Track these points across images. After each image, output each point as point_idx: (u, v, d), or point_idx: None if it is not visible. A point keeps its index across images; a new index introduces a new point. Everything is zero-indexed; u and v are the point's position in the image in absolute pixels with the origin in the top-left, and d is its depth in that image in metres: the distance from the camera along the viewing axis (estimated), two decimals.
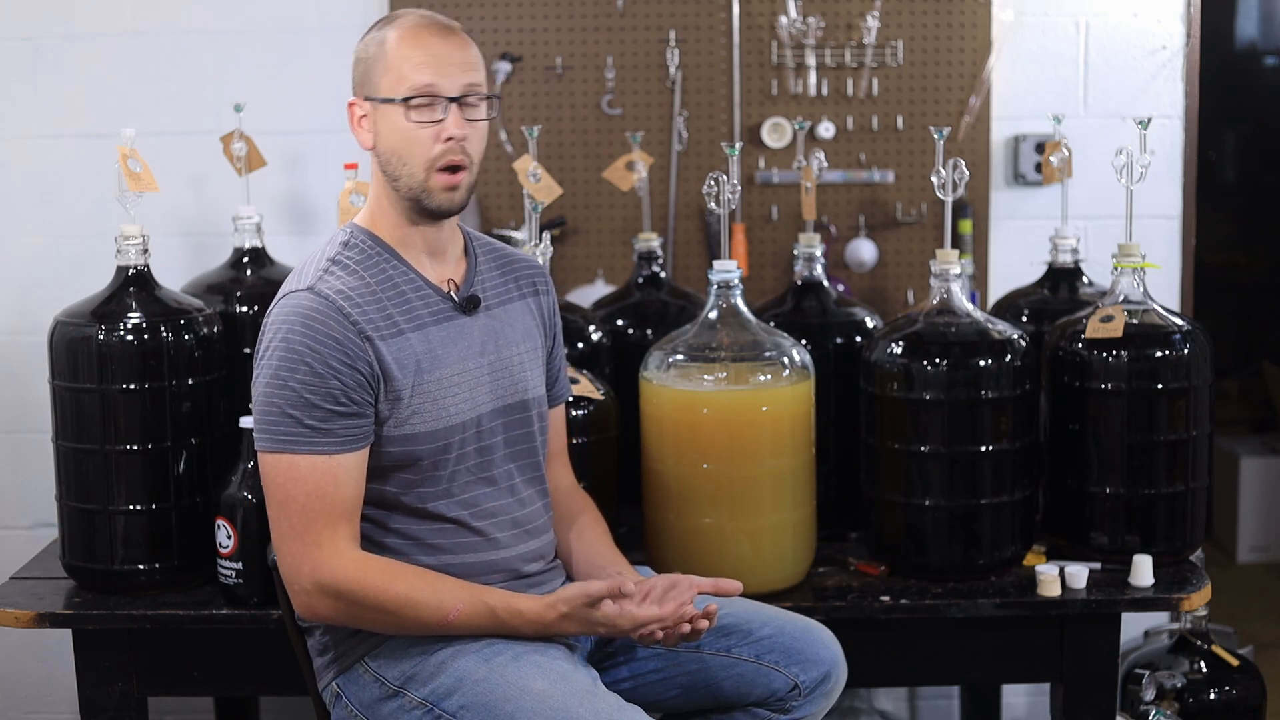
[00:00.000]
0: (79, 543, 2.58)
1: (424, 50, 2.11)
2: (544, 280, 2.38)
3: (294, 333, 2.08)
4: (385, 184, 2.18)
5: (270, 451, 2.09)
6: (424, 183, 2.13)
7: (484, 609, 2.11)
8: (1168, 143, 3.34)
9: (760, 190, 3.33)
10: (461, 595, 2.11)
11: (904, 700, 3.51)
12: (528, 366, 2.29)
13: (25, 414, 3.35)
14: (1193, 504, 2.66)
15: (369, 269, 2.16)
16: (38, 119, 3.30)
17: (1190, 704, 2.99)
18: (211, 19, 3.27)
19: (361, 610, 2.09)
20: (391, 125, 2.13)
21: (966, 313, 2.60)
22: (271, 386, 2.08)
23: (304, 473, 2.08)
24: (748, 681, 2.28)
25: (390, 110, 2.13)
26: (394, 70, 2.12)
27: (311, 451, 2.08)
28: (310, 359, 2.07)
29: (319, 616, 2.12)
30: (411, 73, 2.11)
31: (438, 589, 2.11)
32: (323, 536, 2.08)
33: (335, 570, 2.08)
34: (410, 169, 2.13)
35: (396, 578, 2.10)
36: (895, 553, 2.63)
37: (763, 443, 2.56)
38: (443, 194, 2.14)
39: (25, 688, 3.47)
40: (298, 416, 2.07)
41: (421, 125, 2.11)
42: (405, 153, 2.13)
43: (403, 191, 2.15)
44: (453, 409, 2.17)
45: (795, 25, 3.26)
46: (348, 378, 2.08)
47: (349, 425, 2.09)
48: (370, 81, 2.15)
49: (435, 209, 2.15)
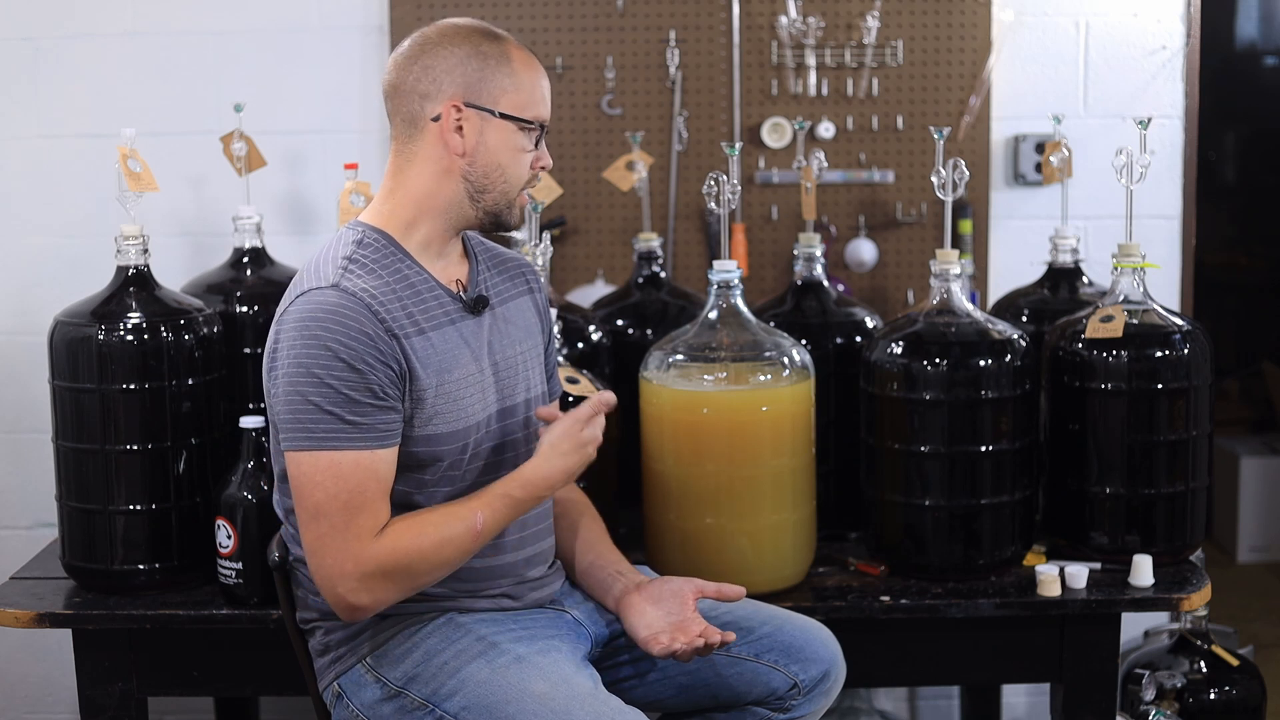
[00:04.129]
0: (79, 543, 2.59)
1: (545, 82, 2.22)
2: (535, 277, 2.39)
3: (325, 329, 2.06)
4: (456, 191, 2.17)
5: (307, 449, 2.06)
6: (513, 201, 2.21)
7: (500, 500, 2.13)
8: (1168, 143, 3.34)
9: (760, 190, 3.33)
10: (475, 505, 2.12)
11: (904, 700, 3.51)
12: (530, 365, 2.30)
13: (25, 414, 3.35)
14: (1193, 504, 2.66)
15: (385, 268, 2.15)
16: (38, 119, 3.30)
17: (1190, 704, 2.99)
18: (211, 19, 3.27)
19: (410, 576, 2.08)
20: (505, 142, 2.17)
21: (966, 313, 2.60)
22: (305, 384, 2.05)
23: (346, 470, 2.05)
24: (747, 680, 2.28)
25: (507, 127, 2.17)
26: (525, 92, 2.18)
27: (354, 447, 2.05)
28: (346, 355, 2.05)
29: (380, 603, 2.09)
30: (540, 101, 2.20)
31: (455, 514, 2.11)
32: (364, 528, 2.06)
33: (374, 554, 2.05)
34: (508, 186, 2.19)
35: (422, 530, 2.09)
36: (895, 553, 2.63)
37: (763, 443, 2.56)
38: (519, 213, 2.24)
39: (25, 688, 3.47)
40: (337, 413, 2.04)
41: (527, 152, 2.20)
42: (510, 170, 2.19)
43: (487, 205, 2.19)
44: (469, 409, 2.17)
45: (795, 25, 3.26)
46: (383, 374, 2.07)
47: (387, 420, 2.08)
48: (488, 92, 2.15)
49: (511, 224, 2.24)
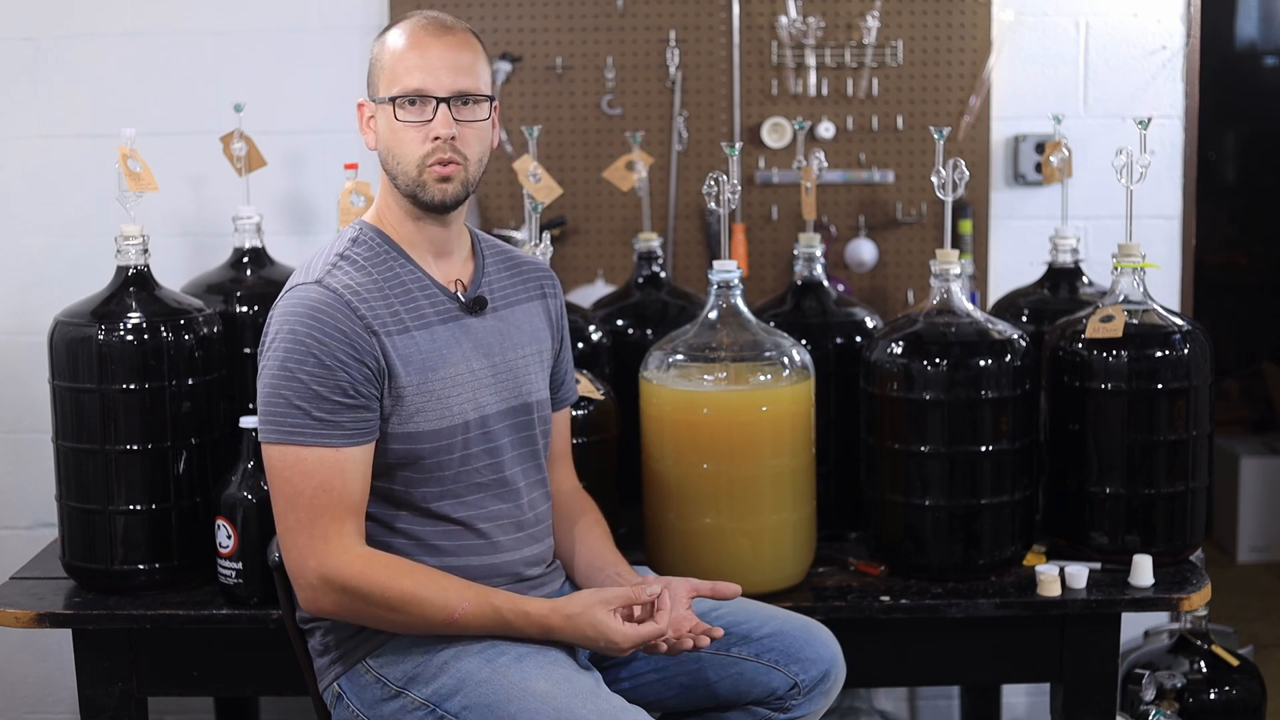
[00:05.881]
0: (79, 543, 2.58)
1: (416, 51, 2.15)
2: (552, 283, 2.39)
3: (301, 325, 2.09)
4: (389, 183, 2.21)
5: (276, 443, 2.09)
6: (417, 178, 2.16)
7: (490, 609, 2.11)
8: (1168, 143, 3.33)
9: (760, 190, 3.33)
10: (468, 594, 2.11)
11: (904, 700, 3.51)
12: (532, 369, 2.30)
13: (25, 414, 3.35)
14: (1193, 504, 2.65)
15: (377, 266, 2.17)
16: (38, 119, 3.30)
17: (1190, 704, 2.99)
18: (211, 19, 3.27)
19: (367, 606, 2.09)
20: (386, 125, 2.18)
21: (966, 313, 2.60)
22: (278, 378, 2.08)
23: (311, 466, 2.08)
24: (747, 680, 2.28)
25: (384, 110, 2.17)
26: (389, 71, 2.17)
27: (318, 444, 2.08)
28: (318, 351, 2.07)
29: (324, 612, 2.12)
30: (403, 74, 2.15)
31: (444, 587, 2.11)
32: (329, 531, 2.08)
33: (341, 565, 2.08)
34: (403, 166, 2.17)
35: (402, 574, 2.10)
36: (895, 553, 2.63)
37: (763, 443, 2.56)
38: (435, 186, 2.16)
39: (25, 688, 3.47)
40: (305, 408, 2.07)
41: (409, 125, 2.15)
42: (397, 151, 2.17)
43: (401, 189, 2.19)
44: (455, 409, 2.17)
45: (795, 25, 3.26)
46: (355, 371, 2.09)
47: (356, 418, 2.09)
48: (372, 82, 2.21)
49: (430, 201, 2.17)
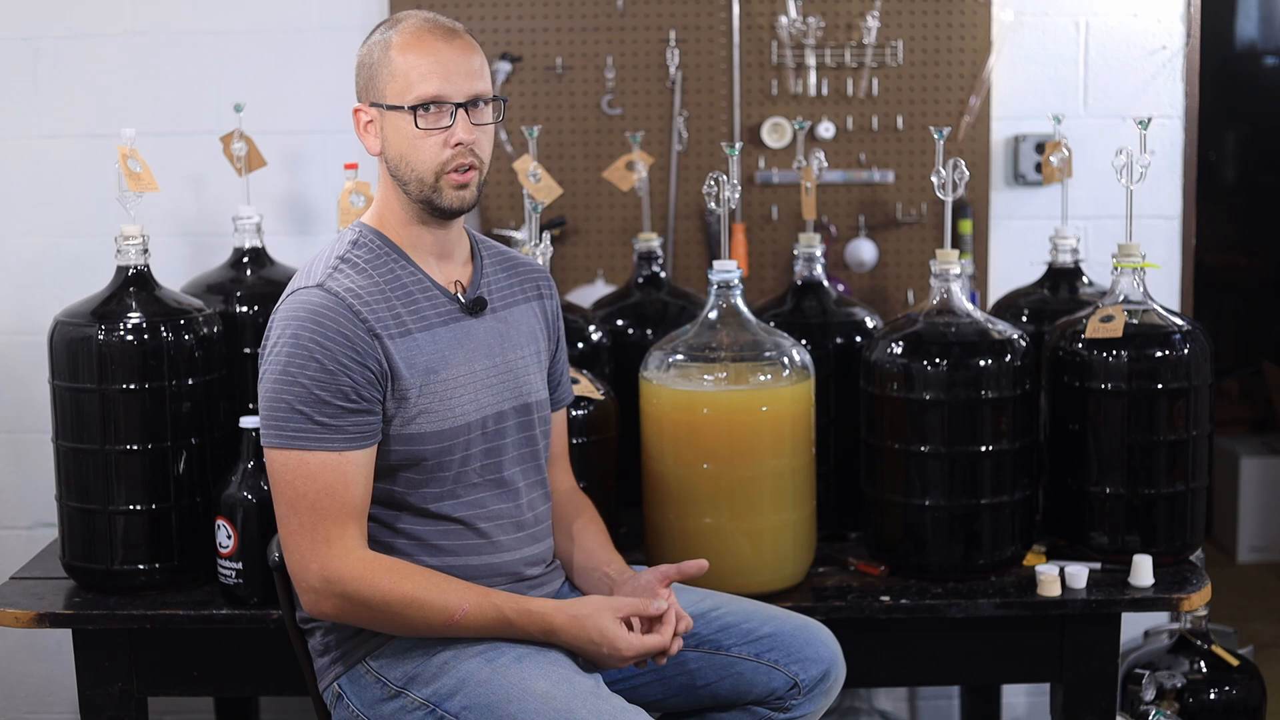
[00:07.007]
0: (79, 543, 2.58)
1: (430, 57, 2.11)
2: (548, 284, 2.39)
3: (304, 329, 2.08)
4: (394, 187, 2.18)
5: (279, 447, 2.09)
6: (434, 185, 2.14)
7: (491, 608, 2.11)
8: (1168, 143, 3.33)
9: (760, 190, 3.33)
10: (469, 596, 2.11)
11: (904, 700, 3.51)
12: (531, 370, 2.30)
13: (25, 414, 3.35)
14: (1193, 504, 2.65)
15: (378, 268, 2.16)
16: (38, 119, 3.30)
17: (1190, 704, 2.99)
18: (211, 19, 3.27)
19: (368, 610, 2.09)
20: (399, 132, 2.14)
21: (966, 313, 2.60)
22: (280, 382, 2.08)
23: (313, 469, 2.08)
24: (747, 680, 2.28)
25: (397, 117, 2.13)
26: (400, 77, 2.12)
27: (321, 448, 2.08)
28: (320, 355, 2.07)
29: (326, 615, 2.12)
30: (418, 81, 2.11)
31: (445, 589, 2.11)
32: (331, 534, 2.08)
33: (343, 569, 2.08)
34: (419, 173, 2.14)
35: (404, 577, 2.10)
36: (895, 553, 2.63)
37: (763, 443, 2.56)
38: (453, 193, 2.15)
39: (25, 688, 3.47)
40: (307, 413, 2.07)
41: (430, 133, 2.12)
42: (414, 159, 2.13)
43: (413, 195, 2.16)
44: (459, 411, 2.17)
45: (795, 25, 3.26)
46: (357, 374, 2.08)
47: (358, 422, 2.09)
48: (376, 88, 2.15)
49: (447, 209, 2.16)
